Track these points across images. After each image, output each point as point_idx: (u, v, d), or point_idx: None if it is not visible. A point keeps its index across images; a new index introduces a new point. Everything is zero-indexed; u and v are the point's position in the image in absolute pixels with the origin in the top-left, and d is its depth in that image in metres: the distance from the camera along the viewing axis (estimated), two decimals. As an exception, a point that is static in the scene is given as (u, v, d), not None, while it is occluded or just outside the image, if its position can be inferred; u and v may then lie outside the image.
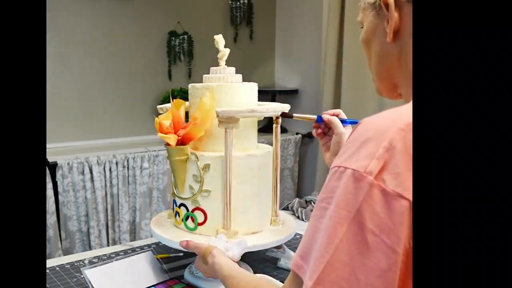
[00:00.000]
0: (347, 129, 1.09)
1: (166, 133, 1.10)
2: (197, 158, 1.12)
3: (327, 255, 0.52)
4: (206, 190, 1.12)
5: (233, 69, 1.21)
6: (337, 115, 1.11)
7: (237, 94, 1.16)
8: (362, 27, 0.70)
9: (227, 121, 1.08)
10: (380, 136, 0.52)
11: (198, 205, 1.13)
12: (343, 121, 1.10)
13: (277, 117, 1.19)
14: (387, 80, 0.69)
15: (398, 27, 0.62)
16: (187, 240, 1.05)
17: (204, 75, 1.21)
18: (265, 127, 2.65)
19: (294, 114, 1.17)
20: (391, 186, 0.49)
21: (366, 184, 0.50)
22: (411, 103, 0.54)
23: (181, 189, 1.16)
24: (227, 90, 1.15)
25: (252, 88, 1.20)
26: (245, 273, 0.87)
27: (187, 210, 1.15)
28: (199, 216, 1.14)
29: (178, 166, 1.13)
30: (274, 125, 1.21)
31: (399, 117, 0.53)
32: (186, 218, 1.16)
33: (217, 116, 1.08)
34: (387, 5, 0.62)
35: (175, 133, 1.12)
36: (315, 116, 1.14)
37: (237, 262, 0.99)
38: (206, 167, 1.11)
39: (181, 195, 1.16)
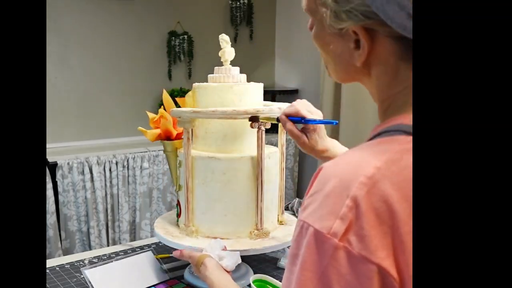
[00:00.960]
0: (315, 131, 0.97)
1: (155, 128, 1.21)
2: (177, 154, 1.20)
3: None
4: (180, 185, 1.18)
5: (237, 69, 1.21)
6: (295, 115, 0.97)
7: (237, 94, 1.15)
8: (309, 17, 0.61)
9: (182, 120, 1.11)
10: (342, 191, 0.48)
11: (178, 198, 1.21)
12: (308, 121, 0.96)
13: (253, 120, 1.10)
14: (345, 77, 0.63)
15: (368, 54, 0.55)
16: (180, 250, 1.05)
17: (209, 75, 1.21)
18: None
19: (260, 116, 1.06)
20: (357, 249, 0.46)
21: (330, 247, 0.47)
22: (373, 142, 0.53)
23: (174, 181, 1.24)
24: (217, 90, 1.15)
25: (251, 87, 1.18)
26: None
27: (177, 202, 1.24)
28: (178, 209, 1.21)
29: (169, 159, 1.23)
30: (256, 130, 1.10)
31: (361, 165, 0.49)
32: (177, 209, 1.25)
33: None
34: (356, 33, 0.54)
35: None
36: (275, 117, 1.03)
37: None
38: (180, 163, 1.17)
39: (175, 187, 1.24)
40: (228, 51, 1.21)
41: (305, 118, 0.96)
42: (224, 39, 1.21)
